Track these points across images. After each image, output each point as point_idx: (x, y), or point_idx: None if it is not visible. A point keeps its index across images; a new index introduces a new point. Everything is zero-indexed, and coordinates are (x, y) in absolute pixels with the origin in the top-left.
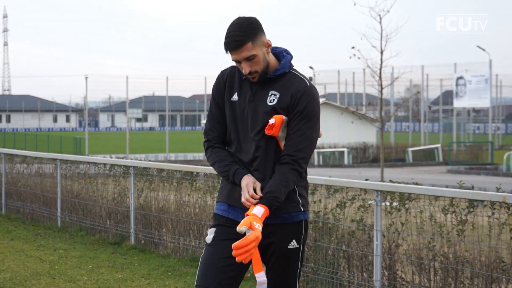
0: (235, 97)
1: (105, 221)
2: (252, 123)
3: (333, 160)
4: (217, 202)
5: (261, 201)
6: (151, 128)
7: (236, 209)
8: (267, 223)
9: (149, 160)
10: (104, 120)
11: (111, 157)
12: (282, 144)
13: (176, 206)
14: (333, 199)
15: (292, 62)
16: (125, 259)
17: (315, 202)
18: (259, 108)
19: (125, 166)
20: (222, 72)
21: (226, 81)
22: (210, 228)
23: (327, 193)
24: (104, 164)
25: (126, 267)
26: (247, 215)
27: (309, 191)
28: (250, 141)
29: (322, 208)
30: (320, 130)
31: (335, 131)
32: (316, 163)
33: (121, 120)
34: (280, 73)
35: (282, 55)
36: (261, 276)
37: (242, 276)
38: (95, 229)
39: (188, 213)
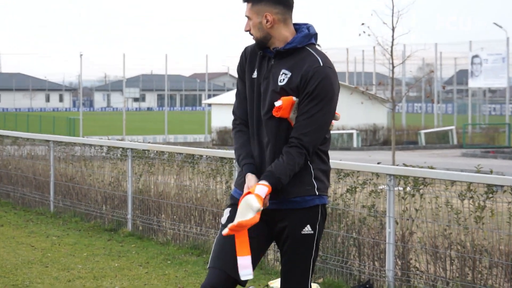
0: (255, 74)
1: (101, 207)
2: (263, 102)
3: (341, 143)
4: (234, 186)
5: (265, 178)
6: (149, 109)
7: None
8: (280, 208)
9: (148, 142)
10: (99, 99)
11: (108, 139)
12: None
13: (176, 190)
14: (343, 183)
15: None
16: (122, 246)
17: None
18: (270, 87)
19: (122, 148)
20: (245, 48)
21: (248, 57)
22: (226, 208)
23: (337, 178)
24: (101, 146)
25: (123, 255)
26: (250, 193)
27: None
28: (263, 122)
29: (331, 193)
30: (338, 112)
31: (343, 112)
32: None
33: (117, 100)
34: (290, 48)
35: (300, 30)
36: (244, 260)
37: (258, 259)
38: (90, 214)
39: (189, 198)
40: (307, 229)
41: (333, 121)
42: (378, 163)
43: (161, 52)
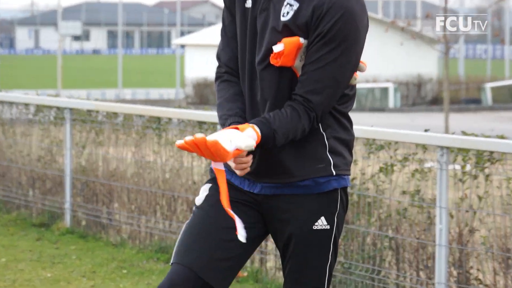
0: (248, 3)
1: (27, 191)
2: (259, 44)
3: (371, 101)
4: None
5: (256, 124)
6: (95, 51)
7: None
8: (282, 194)
9: (96, 100)
10: (23, 37)
11: (38, 94)
12: None
13: (135, 169)
14: (375, 160)
15: None
16: (57, 249)
17: None
18: (269, 22)
19: (57, 108)
20: None
21: None
22: (204, 184)
23: (366, 151)
24: (26, 104)
25: (59, 262)
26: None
27: None
28: (257, 73)
29: (358, 174)
30: (363, 61)
31: (375, 58)
32: None
33: (49, 39)
34: None
35: None
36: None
37: (243, 261)
38: (11, 203)
39: (154, 180)
40: (321, 223)
41: (357, 73)
42: (425, 131)
43: None
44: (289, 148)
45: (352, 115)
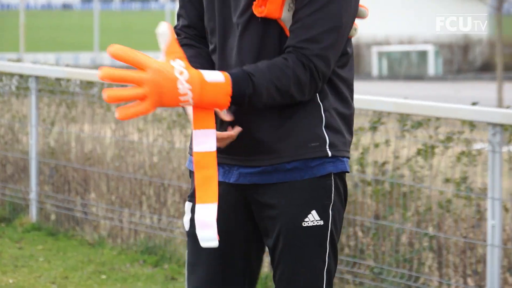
0: None
1: None
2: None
3: (407, 68)
4: (189, 154)
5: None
6: (65, 6)
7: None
8: (264, 184)
9: (66, 65)
10: None
11: None
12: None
13: (116, 151)
14: (411, 140)
15: None
16: (21, 249)
17: (376, 146)
18: None
19: (20, 75)
20: None
21: None
22: (187, 201)
23: (400, 130)
24: None
25: (23, 265)
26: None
27: (355, 125)
28: (237, 33)
29: (390, 158)
30: (363, 4)
31: (409, 14)
32: (375, 71)
33: None
34: None
35: None
36: (205, 209)
37: (254, 276)
38: None
39: (139, 165)
40: (313, 218)
41: (356, 22)
42: (473, 104)
43: None
44: (274, 120)
45: (381, 85)
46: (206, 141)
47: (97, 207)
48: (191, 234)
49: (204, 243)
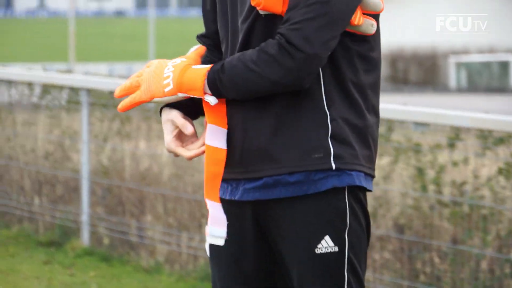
0: None
1: (31, 199)
2: (232, 10)
3: (487, 80)
4: None
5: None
6: (119, 13)
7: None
8: (266, 199)
9: (120, 77)
10: None
11: (44, 70)
12: None
13: (174, 170)
14: (492, 159)
15: None
16: (72, 275)
17: (454, 165)
18: None
19: (70, 88)
20: None
21: None
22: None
23: (480, 147)
24: (29, 84)
25: None
26: None
27: (430, 141)
28: (243, 35)
29: (469, 177)
30: None
31: (491, 20)
32: (452, 83)
33: None
34: None
35: None
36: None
37: None
38: (10, 214)
39: (199, 185)
40: (326, 244)
41: (372, 18)
42: None
43: None
44: (275, 127)
45: (458, 98)
46: (219, 138)
47: (154, 230)
48: (213, 257)
49: (211, 239)
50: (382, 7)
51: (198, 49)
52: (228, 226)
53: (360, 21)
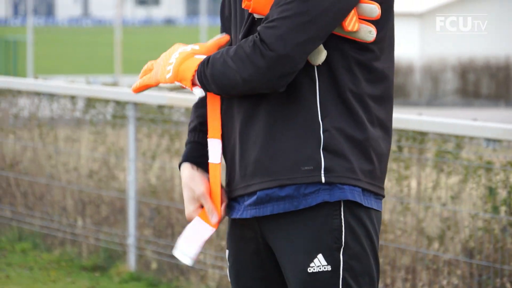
0: None
1: (74, 221)
2: (240, 18)
3: None
4: None
5: None
6: (168, 21)
7: (231, 203)
8: (262, 216)
9: (170, 90)
10: (66, 3)
11: (88, 83)
12: None
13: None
14: None
15: None
16: None
17: None
18: None
19: (116, 102)
20: None
21: None
22: (227, 249)
23: None
24: (72, 97)
25: None
26: None
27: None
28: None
29: None
30: (373, 1)
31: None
32: None
33: (103, 2)
34: None
35: None
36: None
37: None
38: (51, 237)
39: None
40: (319, 263)
41: (369, 23)
42: None
43: None
44: (266, 138)
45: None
46: (214, 151)
47: (205, 254)
48: (231, 269)
49: (177, 253)
50: (378, 13)
51: (220, 38)
52: (244, 247)
53: (355, 27)
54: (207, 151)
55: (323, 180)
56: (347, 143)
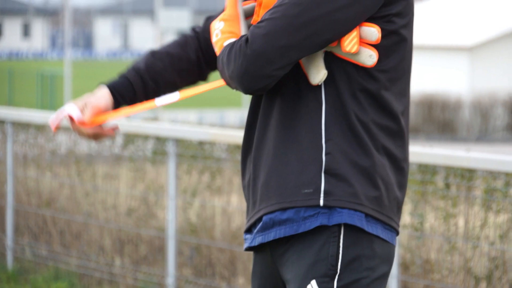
0: None
1: (112, 260)
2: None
3: None
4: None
5: None
6: None
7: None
8: (267, 241)
9: (211, 126)
10: (105, 34)
11: (128, 118)
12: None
13: None
14: None
15: None
16: None
17: None
18: None
19: (156, 138)
20: None
21: None
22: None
23: None
24: None
25: None
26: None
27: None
28: None
29: None
30: (373, 24)
31: None
32: None
33: (143, 35)
34: None
35: None
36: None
37: None
38: (88, 276)
39: None
40: None
41: (371, 47)
42: None
43: None
44: (270, 161)
45: None
46: (166, 98)
47: None
48: None
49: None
50: (378, 37)
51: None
52: (265, 284)
53: (354, 48)
54: (131, 95)
55: (321, 203)
56: (350, 168)
